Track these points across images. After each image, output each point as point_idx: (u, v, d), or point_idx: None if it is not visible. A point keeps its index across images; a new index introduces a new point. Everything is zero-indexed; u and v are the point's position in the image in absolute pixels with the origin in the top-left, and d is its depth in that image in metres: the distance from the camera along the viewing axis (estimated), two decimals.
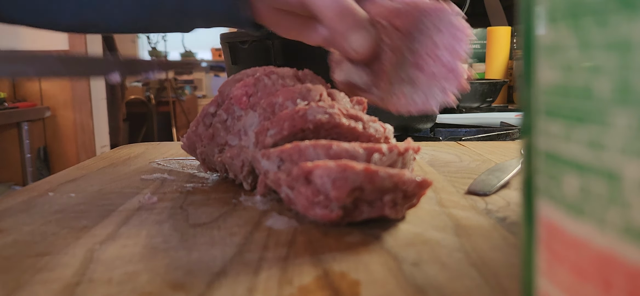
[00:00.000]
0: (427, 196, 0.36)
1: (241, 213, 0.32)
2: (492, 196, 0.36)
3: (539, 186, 0.13)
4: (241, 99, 0.39)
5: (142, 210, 0.33)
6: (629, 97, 0.10)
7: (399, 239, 0.27)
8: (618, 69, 0.10)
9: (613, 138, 0.10)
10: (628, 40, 0.10)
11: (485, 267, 0.23)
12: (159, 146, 0.64)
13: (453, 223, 0.30)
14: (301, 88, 0.36)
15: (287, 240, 0.27)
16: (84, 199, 0.36)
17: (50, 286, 0.21)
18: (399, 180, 0.27)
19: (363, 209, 0.28)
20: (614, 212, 0.10)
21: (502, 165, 0.44)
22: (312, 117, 0.33)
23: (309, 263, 0.24)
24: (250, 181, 0.38)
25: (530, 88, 0.13)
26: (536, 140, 0.13)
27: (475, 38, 0.48)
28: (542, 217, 0.13)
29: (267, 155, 0.31)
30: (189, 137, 0.43)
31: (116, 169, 0.48)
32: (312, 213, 0.28)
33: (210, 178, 0.43)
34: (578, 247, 0.11)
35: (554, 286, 0.12)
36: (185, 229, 0.29)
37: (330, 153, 0.29)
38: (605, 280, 0.11)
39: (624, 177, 0.10)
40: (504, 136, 0.74)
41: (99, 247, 0.26)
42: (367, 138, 0.35)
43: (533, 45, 0.13)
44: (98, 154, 0.58)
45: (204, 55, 5.47)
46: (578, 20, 0.11)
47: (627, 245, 0.10)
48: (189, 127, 0.43)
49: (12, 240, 0.27)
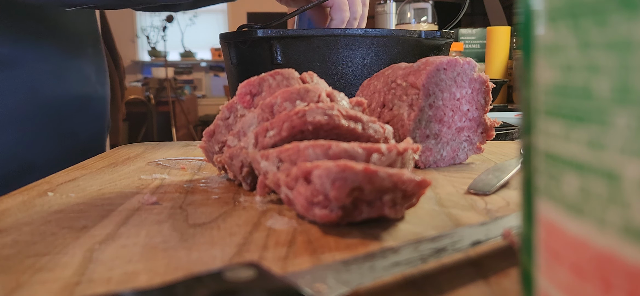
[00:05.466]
0: (426, 196, 0.36)
1: (241, 213, 0.32)
2: (492, 196, 0.36)
3: (538, 186, 0.13)
4: (244, 98, 0.39)
5: (142, 210, 0.33)
6: (629, 97, 0.10)
7: (399, 239, 0.27)
8: (617, 68, 0.10)
9: (612, 138, 0.10)
10: (627, 40, 0.10)
11: (485, 267, 0.23)
12: (159, 146, 0.64)
13: (452, 223, 0.30)
14: (299, 89, 0.36)
15: (287, 240, 0.27)
16: (83, 199, 0.36)
17: (49, 286, 0.21)
18: (398, 179, 0.27)
19: (362, 209, 0.28)
20: (614, 212, 0.10)
21: (501, 165, 0.44)
22: (311, 118, 0.33)
23: (308, 263, 0.24)
24: (249, 181, 0.38)
25: (530, 88, 0.13)
26: (536, 140, 0.13)
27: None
28: (542, 217, 0.13)
29: (266, 155, 0.31)
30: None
31: (116, 169, 0.48)
32: (312, 214, 0.28)
33: (210, 179, 0.43)
34: (578, 247, 0.11)
35: (553, 286, 0.12)
36: (185, 229, 0.29)
37: (330, 154, 0.29)
38: (605, 279, 0.11)
39: (623, 177, 0.10)
40: (504, 136, 0.74)
41: (98, 247, 0.26)
42: (367, 139, 0.35)
43: (532, 45, 0.13)
44: (98, 154, 0.59)
45: (204, 55, 5.47)
46: (577, 20, 0.11)
47: (627, 244, 0.10)
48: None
49: (12, 240, 0.27)
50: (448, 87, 0.45)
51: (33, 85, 0.60)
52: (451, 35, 0.66)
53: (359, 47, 0.61)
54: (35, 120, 0.61)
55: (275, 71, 0.39)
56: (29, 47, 0.60)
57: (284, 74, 0.39)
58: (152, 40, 4.99)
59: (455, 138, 0.48)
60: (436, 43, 0.65)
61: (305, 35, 0.60)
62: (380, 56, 0.61)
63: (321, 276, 0.20)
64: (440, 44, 0.66)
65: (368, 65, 0.61)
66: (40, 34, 0.61)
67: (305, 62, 0.61)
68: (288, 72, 0.39)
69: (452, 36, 0.66)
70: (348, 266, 0.21)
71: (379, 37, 0.61)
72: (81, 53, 0.68)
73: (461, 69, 0.46)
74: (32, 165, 0.61)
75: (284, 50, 0.61)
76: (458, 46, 1.42)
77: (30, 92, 0.60)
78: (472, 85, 0.47)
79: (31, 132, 0.60)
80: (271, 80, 0.39)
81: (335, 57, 0.61)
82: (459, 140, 0.48)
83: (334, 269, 0.20)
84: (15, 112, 0.59)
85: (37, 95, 0.61)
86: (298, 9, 0.63)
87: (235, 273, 0.18)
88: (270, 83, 0.39)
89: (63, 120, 0.64)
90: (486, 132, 0.49)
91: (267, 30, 0.60)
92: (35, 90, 0.60)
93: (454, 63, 0.45)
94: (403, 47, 0.63)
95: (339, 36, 0.60)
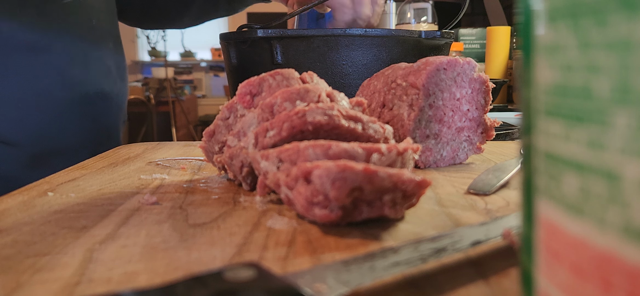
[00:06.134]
0: (426, 196, 0.36)
1: (241, 213, 0.32)
2: (492, 196, 0.36)
3: (538, 186, 0.13)
4: (244, 98, 0.39)
5: (142, 210, 0.33)
6: (629, 97, 0.10)
7: (399, 239, 0.27)
8: (617, 68, 0.10)
9: (612, 138, 0.10)
10: (627, 40, 0.10)
11: (485, 267, 0.23)
12: (159, 146, 0.64)
13: (452, 223, 0.30)
14: (299, 89, 0.36)
15: (287, 240, 0.27)
16: (83, 199, 0.36)
17: (49, 286, 0.21)
18: (398, 179, 0.27)
19: (362, 209, 0.28)
20: (614, 212, 0.10)
21: (501, 165, 0.44)
22: (311, 119, 0.33)
23: (308, 263, 0.24)
24: (249, 181, 0.38)
25: (530, 88, 0.13)
26: (536, 140, 0.13)
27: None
28: (542, 217, 0.13)
29: (266, 155, 0.31)
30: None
31: (116, 169, 0.48)
32: (312, 214, 0.28)
33: (210, 179, 0.43)
34: (578, 247, 0.11)
35: (553, 286, 0.12)
36: (185, 229, 0.29)
37: (330, 154, 0.29)
38: (605, 279, 0.11)
39: (623, 177, 0.10)
40: (504, 136, 0.74)
41: (98, 247, 0.26)
42: (367, 139, 0.35)
43: (532, 45, 0.13)
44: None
45: (204, 55, 5.47)
46: (577, 20, 0.11)
47: (627, 244, 0.10)
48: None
49: (12, 240, 0.27)
50: (448, 87, 0.46)
51: (61, 70, 0.63)
52: (451, 35, 0.66)
53: (359, 47, 0.61)
54: (63, 104, 0.64)
55: (275, 71, 0.39)
56: (58, 34, 0.63)
57: (284, 74, 0.39)
58: (152, 40, 4.99)
59: (455, 138, 0.48)
60: (436, 43, 0.65)
61: (305, 35, 0.60)
62: (380, 56, 0.61)
63: (321, 276, 0.20)
64: (440, 44, 0.66)
65: (368, 65, 0.61)
66: (68, 23, 0.65)
67: (305, 62, 0.61)
68: (288, 72, 0.39)
69: (452, 36, 0.66)
70: (348, 266, 0.21)
71: (379, 37, 0.61)
72: (103, 46, 0.71)
73: (461, 69, 0.46)
74: (59, 148, 0.63)
75: (284, 50, 0.61)
76: (458, 46, 1.42)
77: (58, 77, 0.63)
78: (472, 85, 0.47)
79: (59, 115, 0.63)
80: (271, 80, 0.39)
81: (335, 57, 0.61)
82: (459, 140, 0.48)
83: (334, 269, 0.20)
84: (45, 94, 0.62)
85: (65, 80, 0.64)
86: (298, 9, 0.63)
87: (235, 273, 0.18)
88: (270, 84, 0.39)
89: (87, 106, 0.67)
90: (486, 132, 0.49)
91: (267, 30, 0.60)
92: (63, 75, 0.63)
93: (454, 63, 0.45)
94: (403, 47, 0.63)
95: (339, 36, 0.60)
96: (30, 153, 0.61)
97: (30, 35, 0.60)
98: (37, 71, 0.61)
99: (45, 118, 0.62)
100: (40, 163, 0.58)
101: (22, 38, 0.59)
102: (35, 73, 0.60)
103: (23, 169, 0.59)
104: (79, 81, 0.66)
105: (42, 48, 0.61)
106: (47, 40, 0.62)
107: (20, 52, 0.59)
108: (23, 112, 0.60)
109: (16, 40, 0.59)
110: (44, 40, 0.61)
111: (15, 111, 0.59)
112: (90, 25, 0.69)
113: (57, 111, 0.63)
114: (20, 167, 0.60)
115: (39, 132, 0.61)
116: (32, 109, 0.60)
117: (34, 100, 0.60)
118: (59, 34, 0.63)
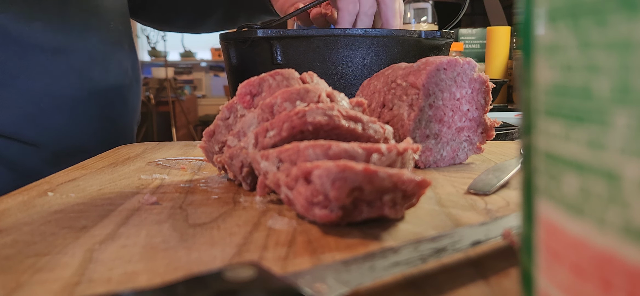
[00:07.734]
0: (426, 196, 0.36)
1: (241, 214, 0.32)
2: (492, 196, 0.36)
3: (538, 186, 0.13)
4: (244, 98, 0.39)
5: (142, 210, 0.33)
6: (629, 97, 0.10)
7: (399, 239, 0.27)
8: (617, 68, 0.10)
9: (612, 138, 0.10)
10: (627, 40, 0.10)
11: (485, 267, 0.23)
12: (159, 146, 0.64)
13: (452, 223, 0.30)
14: (299, 90, 0.36)
15: (287, 240, 0.27)
16: (83, 199, 0.36)
17: (49, 286, 0.21)
18: (398, 179, 0.27)
19: (362, 209, 0.28)
20: (614, 212, 0.10)
21: (501, 165, 0.44)
22: (311, 119, 0.33)
23: (308, 263, 0.24)
24: (249, 181, 0.38)
25: (530, 88, 0.13)
26: (536, 140, 0.13)
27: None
28: (542, 217, 0.13)
29: (266, 155, 0.31)
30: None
31: (116, 169, 0.48)
32: (312, 214, 0.28)
33: (210, 179, 0.43)
34: (578, 247, 0.11)
35: (553, 286, 0.12)
36: (185, 229, 0.29)
37: (330, 154, 0.29)
38: (605, 279, 0.11)
39: (623, 177, 0.10)
40: (504, 136, 0.74)
41: (98, 247, 0.26)
42: (367, 139, 0.35)
43: (532, 45, 0.13)
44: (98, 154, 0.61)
45: (204, 55, 5.47)
46: (577, 20, 0.11)
47: (627, 244, 0.10)
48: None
49: (12, 240, 0.27)
50: (448, 87, 0.46)
51: (82, 70, 0.65)
52: (451, 35, 0.66)
53: (359, 47, 0.61)
54: (84, 104, 0.65)
55: (275, 71, 0.39)
56: (79, 36, 0.64)
57: (284, 74, 0.39)
58: (152, 40, 4.99)
59: (455, 138, 0.48)
60: (436, 43, 0.65)
61: (305, 35, 0.60)
62: (380, 56, 0.61)
63: (321, 276, 0.20)
64: (440, 44, 0.66)
65: (368, 65, 0.61)
66: (87, 25, 0.66)
67: (305, 62, 0.61)
68: (288, 72, 0.39)
69: (452, 36, 0.66)
70: (348, 266, 0.21)
71: (379, 37, 0.61)
72: (120, 47, 0.73)
73: (461, 69, 0.46)
74: (81, 147, 0.65)
75: (284, 50, 0.61)
76: (458, 46, 1.42)
77: (79, 77, 0.64)
78: (472, 85, 0.47)
79: (80, 114, 0.65)
80: (271, 81, 0.39)
81: (335, 57, 0.61)
82: (459, 140, 0.48)
83: (334, 269, 0.20)
84: (66, 94, 0.63)
85: (85, 80, 0.65)
86: (298, 9, 0.63)
87: (235, 273, 0.18)
88: (270, 84, 0.39)
89: (106, 106, 0.69)
90: (486, 132, 0.49)
91: (267, 30, 0.60)
92: (84, 76, 0.65)
93: (454, 63, 0.45)
94: (403, 47, 0.63)
95: (339, 36, 0.60)
96: (52, 151, 0.62)
97: (51, 37, 0.61)
98: (58, 72, 0.62)
99: (65, 119, 0.63)
100: (63, 161, 0.59)
101: (43, 40, 0.60)
102: (55, 74, 0.61)
103: (47, 166, 0.60)
104: (98, 82, 0.67)
105: (62, 49, 0.62)
106: (67, 42, 0.62)
107: (41, 54, 0.60)
108: (43, 112, 0.60)
109: (37, 41, 0.59)
110: (65, 42, 0.62)
111: (36, 112, 0.60)
112: (109, 27, 0.70)
113: (76, 111, 0.64)
114: (44, 164, 0.60)
115: (59, 132, 0.62)
116: (52, 110, 0.61)
117: (54, 101, 0.61)
118: (79, 35, 0.64)
